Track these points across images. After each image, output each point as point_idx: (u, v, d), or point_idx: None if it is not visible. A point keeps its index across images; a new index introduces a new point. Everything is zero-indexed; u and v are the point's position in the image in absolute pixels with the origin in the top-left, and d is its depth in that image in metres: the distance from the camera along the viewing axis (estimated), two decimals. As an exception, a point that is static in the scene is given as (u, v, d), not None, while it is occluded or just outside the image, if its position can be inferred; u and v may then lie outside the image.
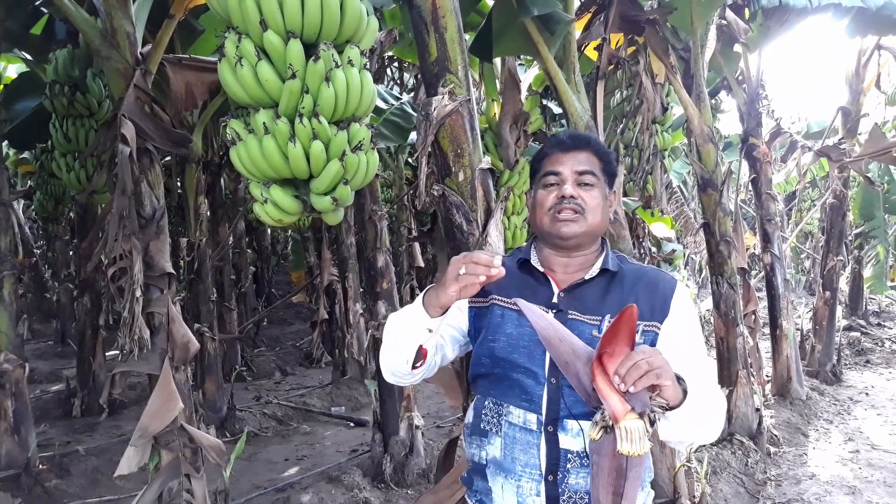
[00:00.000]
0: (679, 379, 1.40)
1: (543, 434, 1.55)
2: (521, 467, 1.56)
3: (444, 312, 1.58)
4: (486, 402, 1.66)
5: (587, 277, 1.66)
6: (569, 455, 1.53)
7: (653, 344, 1.58)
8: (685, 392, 1.40)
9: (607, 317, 1.58)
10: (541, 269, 1.69)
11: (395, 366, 1.68)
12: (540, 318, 1.47)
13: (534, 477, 1.55)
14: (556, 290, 1.66)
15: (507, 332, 1.62)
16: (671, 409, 1.37)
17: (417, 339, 1.61)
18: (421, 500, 2.81)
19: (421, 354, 1.64)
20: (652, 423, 1.33)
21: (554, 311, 1.61)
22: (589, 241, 1.68)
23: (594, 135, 1.74)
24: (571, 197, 1.63)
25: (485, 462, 1.64)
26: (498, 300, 1.67)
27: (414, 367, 1.65)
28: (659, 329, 1.60)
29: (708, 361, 1.66)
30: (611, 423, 1.33)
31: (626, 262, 1.73)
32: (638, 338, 1.54)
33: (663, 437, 1.50)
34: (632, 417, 1.32)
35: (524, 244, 1.87)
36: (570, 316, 1.60)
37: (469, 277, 1.48)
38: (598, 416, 1.36)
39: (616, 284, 1.66)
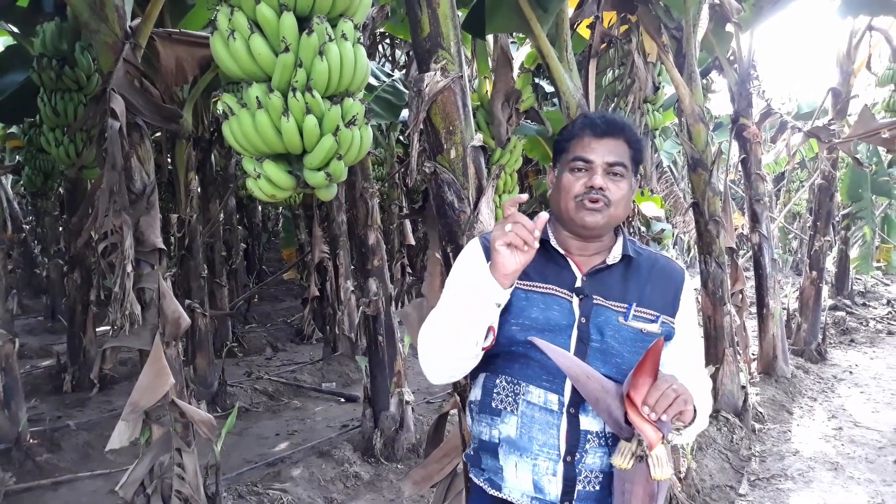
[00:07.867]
0: None
1: (565, 415, 1.55)
2: (538, 447, 1.56)
3: (511, 284, 1.50)
4: (499, 381, 1.63)
5: (609, 262, 1.65)
6: (588, 436, 1.55)
7: (668, 337, 1.62)
8: (695, 409, 1.46)
9: (634, 305, 1.61)
10: (561, 252, 1.66)
11: (459, 353, 1.56)
12: (563, 356, 1.48)
13: (551, 457, 1.55)
14: (578, 273, 1.64)
15: (533, 317, 1.58)
16: (685, 427, 1.45)
17: (487, 318, 1.52)
18: (411, 475, 2.85)
19: (490, 332, 1.56)
20: (668, 443, 1.42)
21: (579, 295, 1.61)
22: (609, 229, 1.67)
23: (627, 120, 1.71)
24: (600, 188, 1.58)
25: (497, 441, 1.61)
26: (519, 284, 1.58)
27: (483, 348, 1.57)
28: (673, 324, 1.64)
29: (701, 350, 1.71)
30: (645, 452, 1.39)
31: (636, 245, 1.73)
32: (657, 328, 1.60)
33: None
34: (660, 444, 1.39)
35: None
36: (595, 301, 1.60)
37: (514, 237, 1.41)
38: (633, 447, 1.42)
39: (633, 271, 1.67)
